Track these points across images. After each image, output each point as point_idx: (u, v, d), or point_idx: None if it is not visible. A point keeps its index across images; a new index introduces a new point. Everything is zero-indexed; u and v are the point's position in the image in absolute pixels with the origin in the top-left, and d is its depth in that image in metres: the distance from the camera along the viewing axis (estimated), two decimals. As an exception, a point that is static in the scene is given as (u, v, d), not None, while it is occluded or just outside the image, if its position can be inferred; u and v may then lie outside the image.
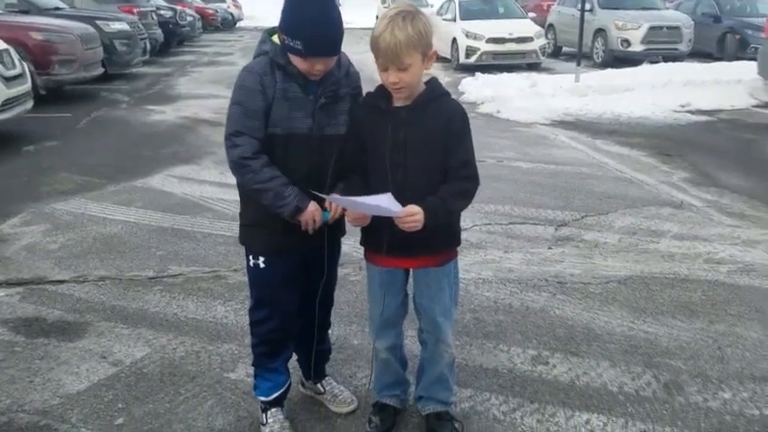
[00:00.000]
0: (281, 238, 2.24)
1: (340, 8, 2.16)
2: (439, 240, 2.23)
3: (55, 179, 5.77)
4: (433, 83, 2.21)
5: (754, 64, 10.62)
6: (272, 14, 2.24)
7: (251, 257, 2.34)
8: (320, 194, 2.13)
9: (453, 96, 2.31)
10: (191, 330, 3.21)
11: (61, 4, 11.87)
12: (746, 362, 2.96)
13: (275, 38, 2.20)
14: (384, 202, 2.01)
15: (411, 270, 2.33)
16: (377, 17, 28.33)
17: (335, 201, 2.15)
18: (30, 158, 6.56)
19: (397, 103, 2.16)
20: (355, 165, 2.23)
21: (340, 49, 2.17)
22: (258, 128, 2.15)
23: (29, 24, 9.11)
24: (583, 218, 4.85)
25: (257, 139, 2.15)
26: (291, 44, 2.08)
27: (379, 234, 2.21)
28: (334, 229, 2.34)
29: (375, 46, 2.07)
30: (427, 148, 2.14)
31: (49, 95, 8.97)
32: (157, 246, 4.28)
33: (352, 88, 2.29)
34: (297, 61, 2.12)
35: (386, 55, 2.04)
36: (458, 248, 2.36)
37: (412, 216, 2.04)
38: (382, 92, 2.18)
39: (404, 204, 2.05)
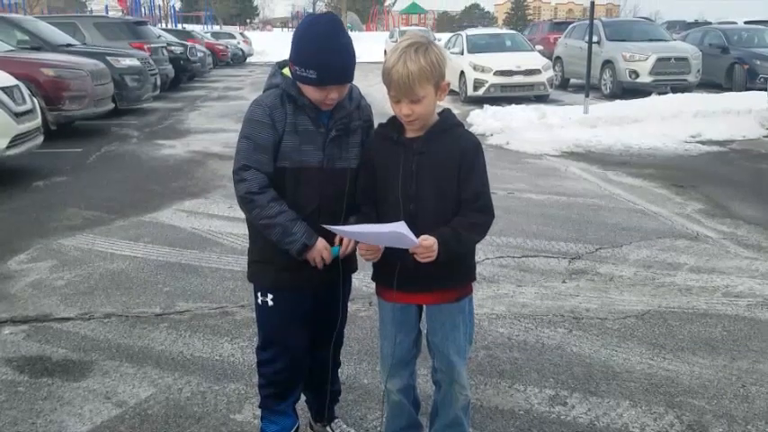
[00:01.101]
0: (289, 275, 2.19)
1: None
2: (453, 275, 2.16)
3: (63, 215, 5.75)
4: (446, 114, 2.17)
5: (764, 94, 10.63)
6: (282, 50, 2.22)
7: (259, 294, 2.28)
8: (330, 228, 2.07)
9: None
10: (197, 369, 3.13)
11: (73, 41, 12.03)
12: (773, 401, 2.85)
13: (286, 71, 2.18)
14: (397, 230, 1.94)
15: (424, 307, 2.25)
16: (385, 52, 28.83)
17: (343, 233, 2.09)
18: (39, 194, 6.56)
19: (410, 134, 2.12)
20: (367, 196, 2.18)
21: (353, 76, 2.14)
22: (266, 162, 2.11)
23: (40, 61, 9.22)
24: (597, 250, 4.77)
25: (265, 173, 2.11)
26: (305, 74, 2.05)
27: (389, 268, 2.14)
28: (346, 266, 2.28)
29: (387, 78, 2.03)
30: (440, 179, 2.09)
31: (60, 131, 9.05)
32: (164, 281, 4.23)
33: (363, 121, 2.26)
34: (310, 91, 2.09)
35: (398, 87, 2.01)
36: (473, 284, 2.29)
37: (427, 247, 1.98)
38: (395, 122, 2.14)
39: (416, 236, 1.99)
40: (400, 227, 1.93)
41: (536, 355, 3.26)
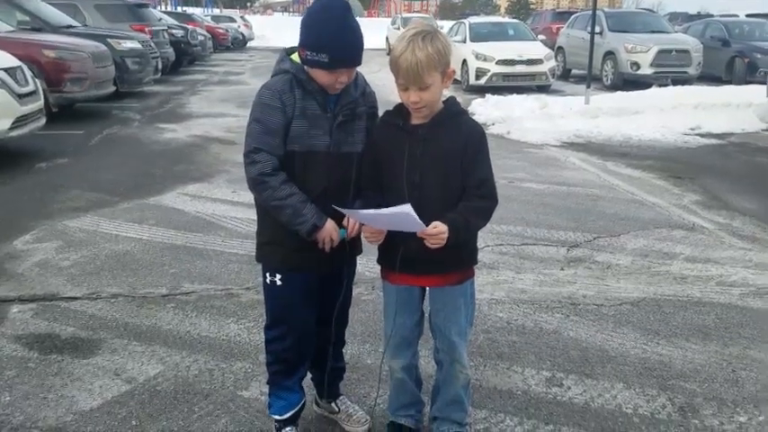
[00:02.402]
0: (298, 256, 2.25)
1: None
2: (455, 259, 2.23)
3: (67, 196, 5.81)
4: (450, 101, 2.23)
5: (763, 88, 10.69)
6: (283, 34, 2.26)
7: (268, 275, 2.35)
8: (341, 209, 2.14)
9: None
10: (204, 348, 3.21)
11: (74, 23, 12.00)
12: (761, 385, 2.94)
13: (295, 56, 2.23)
14: (404, 211, 1.99)
15: (427, 288, 2.33)
16: (387, 39, 28.69)
17: (352, 215, 2.16)
18: (42, 175, 6.61)
19: (415, 121, 2.18)
20: (372, 182, 2.24)
21: (362, 60, 2.20)
22: (277, 145, 2.17)
23: (42, 42, 9.21)
24: (595, 239, 4.85)
25: (276, 156, 2.16)
26: (317, 58, 2.10)
27: (393, 250, 2.22)
28: (352, 248, 2.35)
29: (395, 66, 2.09)
30: (444, 166, 2.15)
31: (61, 113, 9.07)
32: (170, 263, 4.30)
33: (368, 107, 2.32)
34: (320, 75, 2.14)
35: (407, 75, 2.06)
36: (474, 268, 2.36)
37: (437, 234, 2.05)
38: (400, 110, 2.20)
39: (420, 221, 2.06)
40: (406, 208, 1.98)
41: (534, 339, 3.34)
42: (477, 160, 2.16)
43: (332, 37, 2.08)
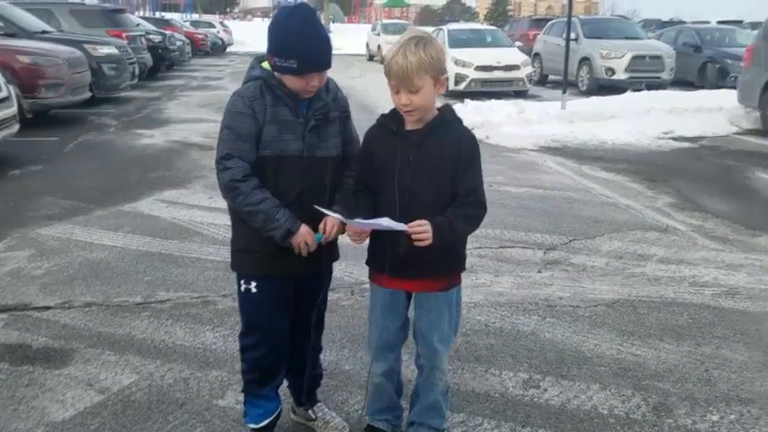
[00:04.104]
0: (273, 263, 2.25)
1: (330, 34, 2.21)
2: (442, 264, 2.25)
3: (41, 204, 5.72)
4: (445, 109, 2.25)
5: (734, 92, 10.86)
6: (262, 40, 2.27)
7: (242, 282, 2.33)
8: (322, 210, 2.14)
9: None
10: (179, 357, 3.18)
11: (48, 28, 11.88)
12: (733, 384, 2.99)
13: (265, 64, 2.23)
14: (383, 224, 2.03)
15: (413, 294, 2.33)
16: (367, 45, 28.72)
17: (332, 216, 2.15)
18: (15, 182, 6.51)
19: (409, 127, 2.20)
20: (363, 184, 2.26)
21: (331, 62, 2.21)
22: (249, 150, 2.17)
23: (15, 48, 9.10)
24: (571, 242, 4.89)
25: (248, 161, 2.16)
26: (285, 64, 2.12)
27: (382, 252, 2.22)
28: (328, 254, 2.35)
29: (388, 69, 2.12)
30: (436, 172, 2.16)
31: (36, 119, 8.93)
32: (145, 271, 4.25)
33: (341, 112, 2.34)
34: (291, 81, 2.15)
35: (398, 77, 2.09)
36: (462, 275, 2.37)
37: (421, 227, 2.06)
38: (395, 115, 2.22)
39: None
40: (384, 222, 2.02)
41: (511, 341, 3.36)
42: (468, 168, 2.18)
43: (298, 43, 2.09)
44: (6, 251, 4.59)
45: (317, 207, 2.16)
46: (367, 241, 2.27)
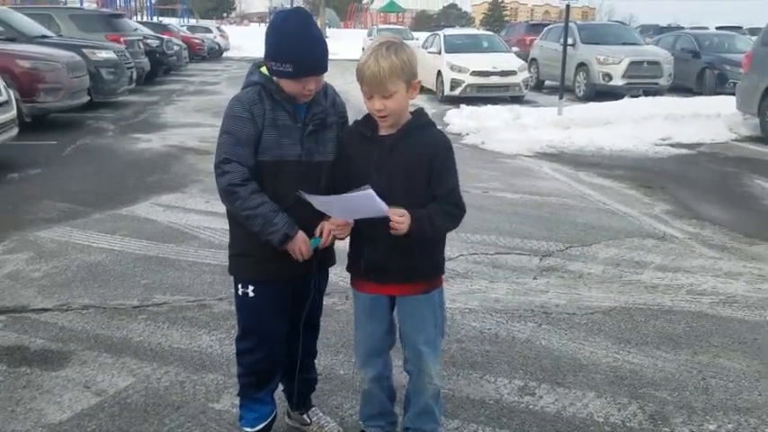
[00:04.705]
0: (271, 267, 2.25)
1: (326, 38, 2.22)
2: (421, 267, 2.26)
3: (39, 207, 5.72)
4: (418, 113, 2.25)
5: (732, 99, 10.87)
6: (259, 45, 2.28)
7: (240, 286, 2.34)
8: (304, 195, 2.13)
9: (439, 127, 2.35)
10: (175, 360, 3.18)
11: (48, 33, 11.89)
12: (730, 393, 2.99)
13: (264, 69, 2.25)
14: (367, 196, 2.02)
15: (396, 298, 2.33)
16: (363, 49, 28.79)
17: (315, 200, 2.14)
18: (14, 186, 6.51)
19: (383, 132, 2.21)
20: (343, 189, 2.25)
21: (327, 66, 2.22)
22: (248, 155, 2.17)
23: (15, 52, 9.10)
24: (567, 249, 4.90)
25: (247, 166, 2.17)
26: (281, 69, 2.13)
27: (357, 255, 2.24)
28: (324, 258, 2.36)
29: (360, 74, 2.13)
30: (410, 176, 2.17)
31: (35, 123, 8.93)
32: (142, 274, 4.26)
33: (339, 117, 2.35)
34: (288, 85, 2.16)
35: (370, 82, 2.10)
36: (443, 277, 2.38)
37: (399, 216, 2.07)
38: (369, 120, 2.23)
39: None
40: (369, 192, 2.01)
41: (507, 348, 3.36)
42: (444, 171, 2.19)
43: (294, 47, 2.10)
44: (5, 254, 4.59)
45: (300, 191, 2.13)
46: (347, 247, 2.28)
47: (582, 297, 4.02)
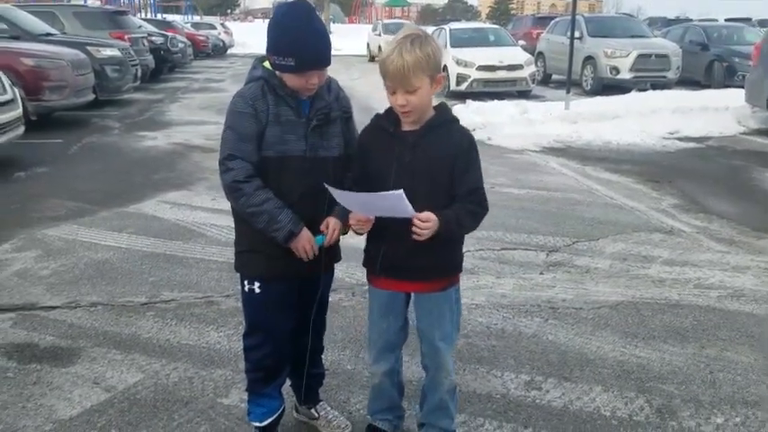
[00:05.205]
0: (277, 263, 2.26)
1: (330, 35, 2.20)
2: (440, 265, 2.24)
3: (46, 205, 5.75)
4: (442, 108, 2.22)
5: (741, 91, 10.77)
6: (263, 41, 2.28)
7: (246, 283, 2.35)
8: (330, 189, 2.10)
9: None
10: (184, 356, 3.20)
11: (52, 31, 11.91)
12: (738, 386, 2.98)
13: (266, 64, 2.24)
14: (395, 197, 1.97)
15: (412, 294, 2.33)
16: (368, 45, 28.69)
17: (342, 197, 2.12)
18: (21, 184, 6.55)
19: (406, 127, 2.17)
20: (360, 187, 2.22)
21: (330, 60, 2.21)
22: (251, 151, 2.17)
23: (20, 50, 9.13)
24: (574, 243, 4.89)
25: (251, 162, 2.17)
26: (284, 62, 2.12)
27: (376, 252, 2.23)
28: (330, 255, 2.36)
29: (384, 68, 2.08)
30: (433, 173, 2.14)
31: (40, 121, 8.97)
32: (149, 272, 4.28)
33: (342, 111, 2.33)
34: (291, 79, 2.16)
35: (394, 77, 2.06)
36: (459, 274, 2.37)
37: (426, 222, 2.04)
38: (391, 115, 2.19)
39: (408, 227, 2.05)
40: (398, 193, 1.96)
41: (513, 343, 3.36)
42: (467, 168, 2.15)
43: (295, 40, 2.09)
44: (13, 252, 4.62)
45: (326, 185, 2.10)
46: (356, 242, 2.27)
47: (589, 292, 4.02)
